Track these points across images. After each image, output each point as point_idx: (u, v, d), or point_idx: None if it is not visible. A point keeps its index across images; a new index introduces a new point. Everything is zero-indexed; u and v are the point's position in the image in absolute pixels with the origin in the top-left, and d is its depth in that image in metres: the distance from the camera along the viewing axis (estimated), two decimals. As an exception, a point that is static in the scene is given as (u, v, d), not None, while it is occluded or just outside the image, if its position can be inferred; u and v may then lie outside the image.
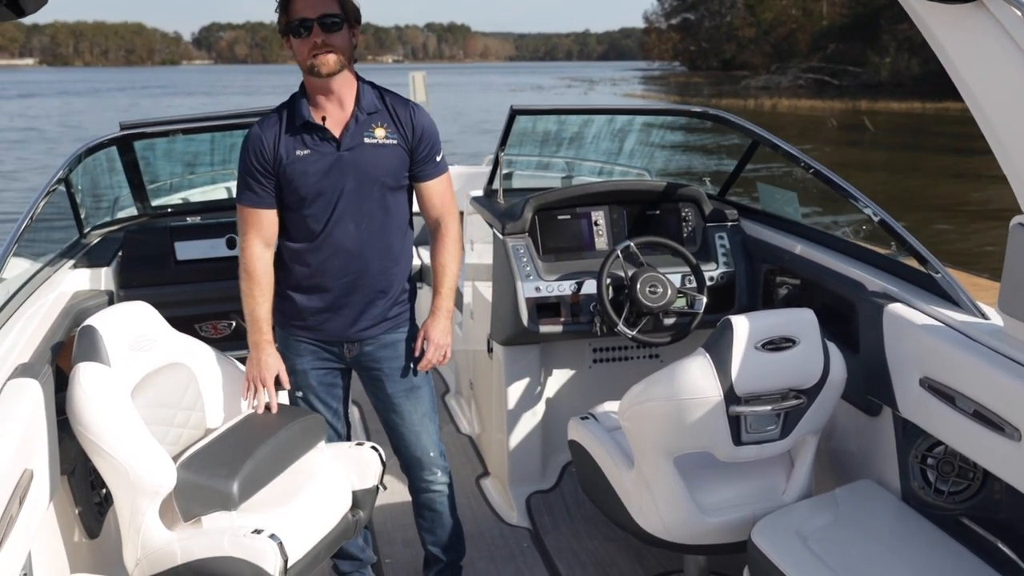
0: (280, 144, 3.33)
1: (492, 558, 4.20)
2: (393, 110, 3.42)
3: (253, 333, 3.45)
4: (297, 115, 3.34)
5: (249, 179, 3.36)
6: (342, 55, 3.25)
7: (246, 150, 3.35)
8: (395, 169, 3.42)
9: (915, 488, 3.35)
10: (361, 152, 3.36)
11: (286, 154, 3.33)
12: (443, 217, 3.54)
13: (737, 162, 4.93)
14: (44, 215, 3.90)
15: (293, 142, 3.34)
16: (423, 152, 3.45)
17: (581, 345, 4.72)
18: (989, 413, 2.85)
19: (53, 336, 3.25)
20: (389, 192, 3.44)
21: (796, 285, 4.28)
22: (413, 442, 3.68)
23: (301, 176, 3.34)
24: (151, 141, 4.57)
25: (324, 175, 3.35)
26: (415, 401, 3.66)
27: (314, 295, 3.48)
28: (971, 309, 3.26)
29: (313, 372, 3.59)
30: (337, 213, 3.38)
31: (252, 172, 3.34)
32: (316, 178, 3.34)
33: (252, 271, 3.40)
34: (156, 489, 3.04)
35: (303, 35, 3.22)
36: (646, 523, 3.45)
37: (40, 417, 2.76)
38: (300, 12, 3.19)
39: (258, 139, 3.34)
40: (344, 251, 3.42)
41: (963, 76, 2.70)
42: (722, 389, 3.12)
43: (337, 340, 3.54)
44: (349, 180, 3.37)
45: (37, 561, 2.71)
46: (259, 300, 3.42)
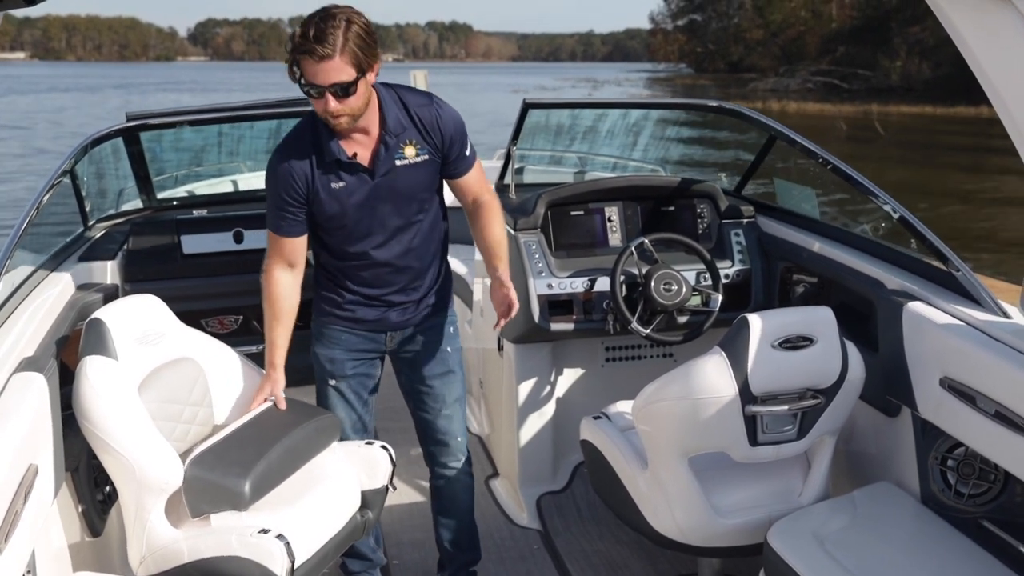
0: (314, 179, 3.33)
1: (502, 560, 4.21)
2: (419, 120, 3.39)
3: (267, 353, 3.50)
4: (327, 151, 3.30)
5: (280, 211, 3.37)
6: (359, 111, 3.21)
7: (275, 184, 3.34)
8: (430, 182, 3.47)
9: (935, 490, 3.35)
10: (395, 176, 3.37)
11: (321, 187, 3.33)
12: (480, 197, 3.57)
13: (754, 158, 4.93)
14: (49, 207, 3.90)
15: (326, 176, 3.33)
16: (454, 153, 3.45)
17: (593, 343, 4.73)
18: (1011, 414, 2.85)
19: (58, 330, 3.26)
20: (427, 200, 3.48)
21: (813, 283, 4.28)
22: (444, 426, 3.73)
23: (339, 208, 3.36)
24: (158, 133, 4.59)
25: (361, 205, 3.38)
26: (450, 385, 3.71)
27: (359, 299, 3.55)
28: (993, 308, 3.27)
29: (350, 362, 3.63)
30: (378, 235, 3.43)
31: (283, 205, 3.35)
32: (354, 208, 3.37)
33: (270, 294, 3.45)
34: (163, 486, 3.05)
35: (314, 97, 3.17)
36: (660, 525, 3.46)
37: (45, 412, 2.77)
38: (310, 78, 3.13)
39: (288, 175, 3.32)
40: (388, 265, 3.49)
41: (988, 73, 2.71)
42: (738, 388, 3.13)
43: (382, 329, 3.61)
44: (387, 204, 3.40)
45: (40, 559, 2.71)
46: (273, 324, 3.47)
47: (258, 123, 5.61)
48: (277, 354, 3.47)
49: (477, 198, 3.56)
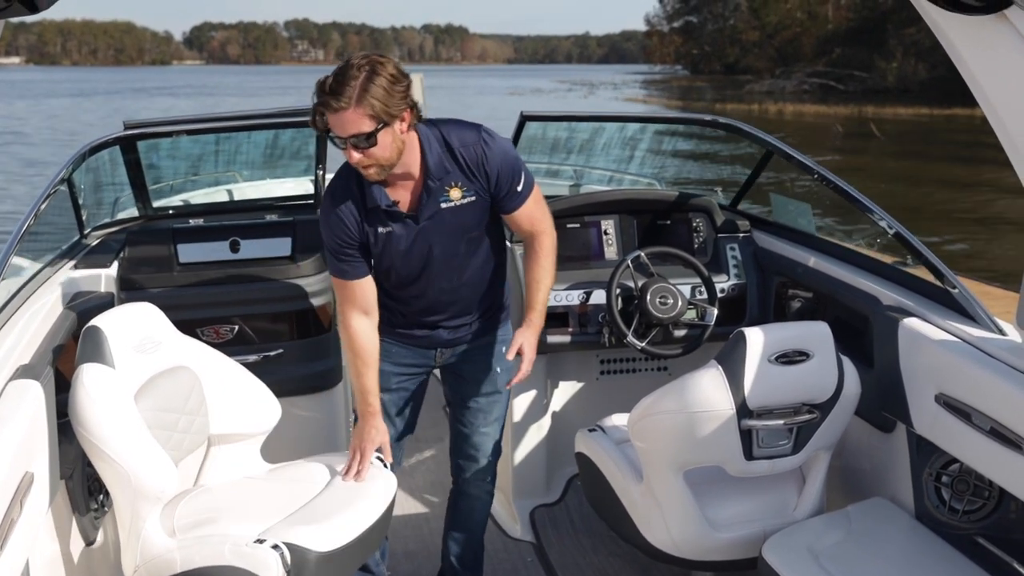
0: (364, 223, 3.30)
1: (496, 572, 4.21)
2: (464, 161, 3.29)
3: (360, 404, 3.45)
4: (369, 198, 3.27)
5: (339, 257, 3.34)
6: (388, 161, 3.14)
7: (330, 231, 3.31)
8: (478, 220, 3.39)
9: (929, 506, 3.36)
10: (441, 218, 3.31)
11: (371, 233, 3.31)
12: (535, 233, 3.51)
13: (750, 172, 4.94)
14: (46, 215, 3.91)
15: (373, 221, 3.31)
16: (503, 191, 3.36)
17: (589, 356, 4.73)
18: (1006, 430, 2.86)
19: (54, 338, 3.26)
20: (477, 237, 3.43)
21: (809, 298, 4.29)
22: (478, 443, 3.71)
23: (386, 251, 3.34)
24: (154, 141, 4.59)
25: (408, 250, 3.35)
26: (493, 404, 3.69)
27: (410, 322, 3.55)
28: (988, 324, 3.28)
29: (396, 376, 3.60)
30: (428, 272, 3.40)
31: (341, 249, 3.32)
32: (401, 251, 3.34)
33: (355, 347, 3.41)
34: (157, 494, 3.06)
35: (340, 148, 3.14)
36: (654, 538, 3.46)
37: (41, 419, 2.77)
38: (331, 128, 3.08)
39: (340, 222, 3.29)
40: (442, 294, 3.46)
41: (983, 87, 2.72)
42: (734, 402, 3.14)
43: (432, 346, 3.60)
44: (434, 246, 3.35)
45: (35, 567, 2.71)
46: (363, 372, 3.41)
47: (255, 133, 5.61)
48: (374, 402, 3.43)
49: (532, 234, 3.51)
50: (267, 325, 4.24)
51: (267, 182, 6.20)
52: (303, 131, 4.82)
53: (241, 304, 4.24)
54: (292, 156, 5.77)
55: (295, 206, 4.84)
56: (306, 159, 5.17)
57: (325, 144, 4.54)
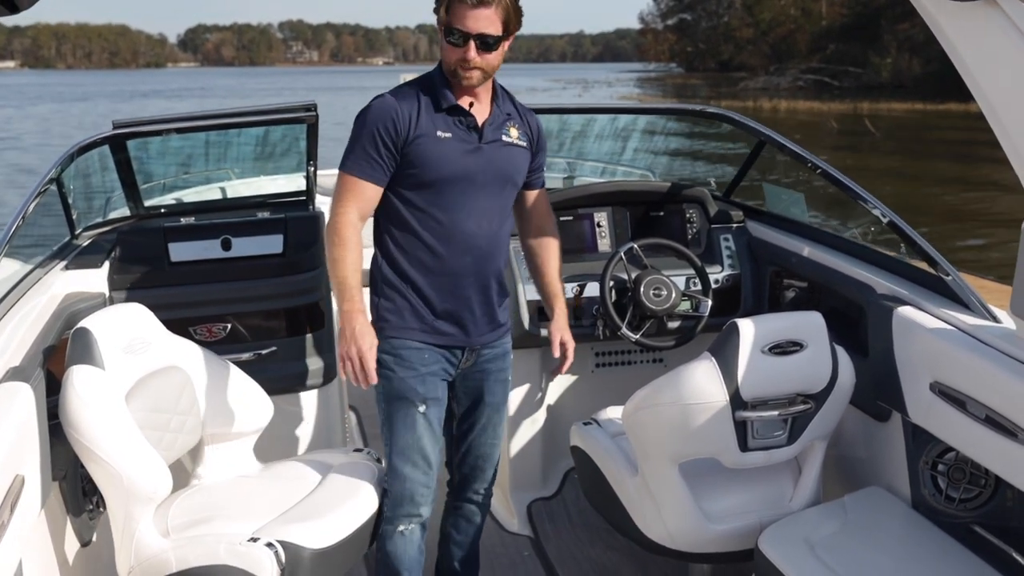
0: (420, 121, 3.15)
1: (492, 566, 4.20)
2: (522, 114, 3.38)
3: (345, 302, 3.11)
4: (441, 97, 3.18)
5: (369, 149, 3.15)
6: (492, 70, 3.17)
7: (372, 118, 3.15)
8: (522, 169, 3.39)
9: (925, 495, 3.35)
10: (499, 148, 3.27)
11: (426, 132, 3.15)
12: (548, 223, 3.61)
13: (743, 162, 4.93)
14: (34, 216, 3.89)
15: (434, 121, 3.17)
16: (539, 161, 3.46)
17: (583, 349, 4.71)
18: (1001, 418, 2.85)
19: (44, 339, 3.24)
20: (511, 192, 3.39)
21: (803, 288, 4.28)
22: (487, 453, 3.60)
23: (438, 159, 3.17)
24: (145, 140, 4.57)
25: (463, 163, 3.20)
26: (501, 413, 3.60)
27: (444, 295, 3.30)
28: (983, 312, 3.27)
29: (431, 382, 3.33)
30: (468, 207, 3.24)
31: (376, 143, 3.13)
32: (454, 165, 3.19)
33: (345, 236, 3.15)
34: (151, 495, 3.05)
35: (456, 44, 3.08)
36: (650, 531, 3.45)
37: (32, 422, 2.76)
38: (459, 22, 3.04)
39: (393, 110, 3.14)
40: (475, 248, 3.28)
41: (974, 74, 2.71)
42: (728, 394, 3.13)
43: (461, 346, 3.37)
44: (485, 174, 3.25)
45: (29, 568, 2.70)
46: (351, 266, 3.14)
47: (245, 130, 5.60)
48: (360, 298, 3.13)
49: (545, 223, 3.54)
50: (260, 323, 4.23)
51: (260, 179, 6.20)
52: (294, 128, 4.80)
53: (233, 302, 4.23)
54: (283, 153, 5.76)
55: (286, 203, 4.83)
56: (297, 155, 5.15)
57: (316, 140, 4.53)
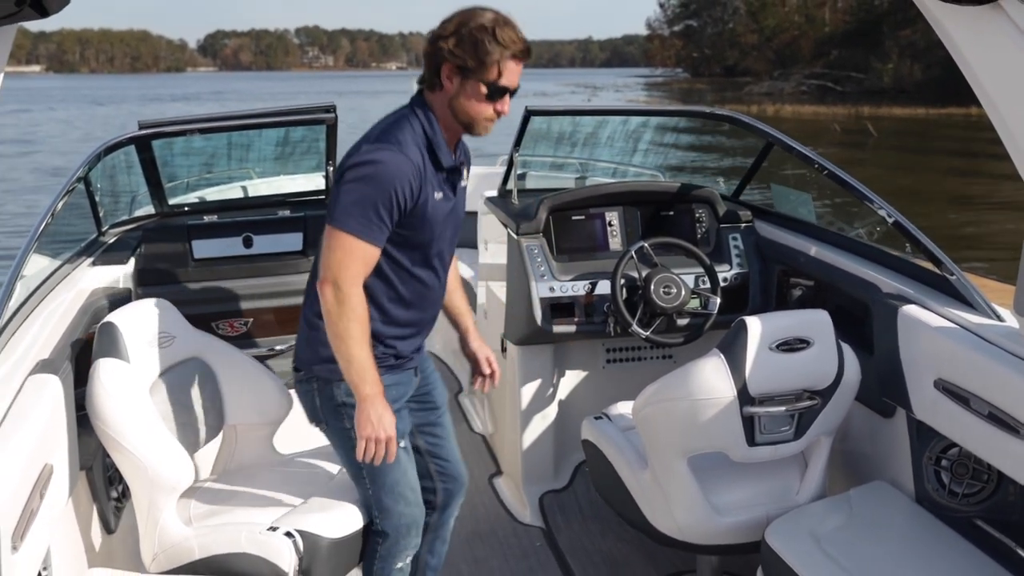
0: (424, 183, 2.96)
1: (505, 557, 4.20)
2: (465, 153, 3.26)
3: (367, 384, 2.90)
4: (442, 156, 3.01)
5: (383, 213, 2.88)
6: None
7: (388, 179, 2.87)
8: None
9: (929, 490, 3.34)
10: (460, 198, 3.19)
11: (427, 195, 2.98)
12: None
13: (751, 163, 4.92)
14: (63, 213, 3.90)
15: (432, 182, 3.00)
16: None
17: (595, 345, 4.72)
18: (1004, 415, 2.84)
19: (72, 333, 3.26)
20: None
21: (810, 286, 4.27)
22: (455, 457, 3.51)
23: (432, 222, 3.03)
24: (169, 140, 4.58)
25: (443, 223, 3.09)
26: (447, 415, 3.53)
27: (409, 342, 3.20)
28: (986, 311, 3.26)
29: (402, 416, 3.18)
30: (443, 262, 3.17)
31: (391, 207, 2.89)
32: (440, 226, 3.07)
33: (360, 312, 2.90)
34: (174, 485, 3.07)
35: (495, 99, 2.95)
36: (659, 523, 3.45)
37: (60, 413, 2.77)
38: (507, 80, 2.92)
39: (410, 173, 2.91)
40: (440, 297, 3.25)
41: (979, 78, 2.70)
42: (736, 390, 3.12)
43: (414, 366, 3.28)
44: (453, 227, 3.17)
45: (56, 555, 2.71)
46: (368, 344, 2.93)
47: (266, 131, 5.61)
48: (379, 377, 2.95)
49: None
50: (280, 318, 4.25)
51: (280, 178, 6.20)
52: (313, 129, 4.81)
53: (254, 298, 4.24)
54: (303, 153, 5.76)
55: (306, 201, 4.84)
56: (316, 156, 5.16)
57: (335, 140, 4.54)
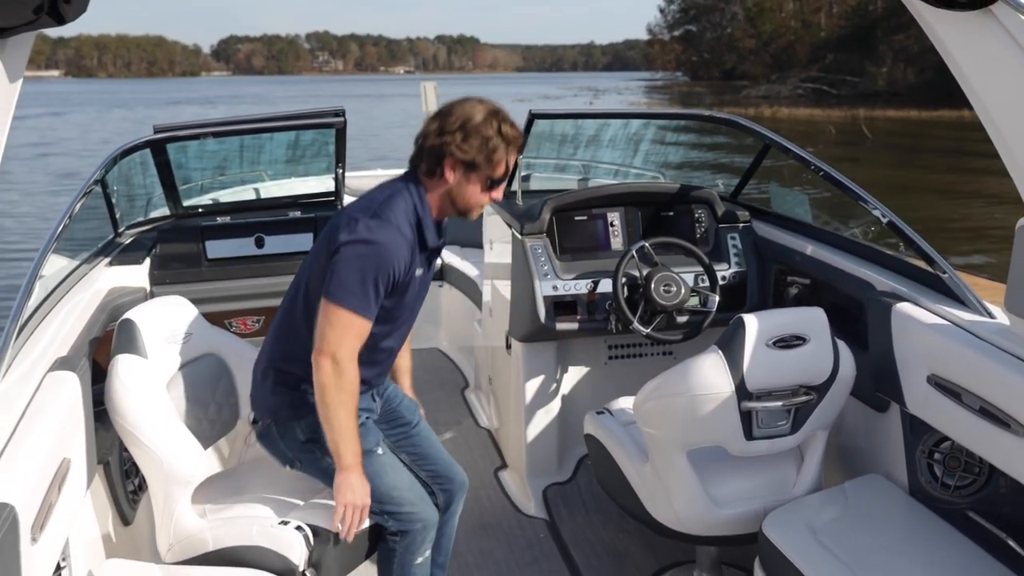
0: (412, 263, 3.00)
1: (510, 547, 4.20)
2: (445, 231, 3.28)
3: (351, 455, 2.93)
4: (428, 236, 3.04)
5: (381, 289, 2.91)
6: None
7: (386, 260, 2.88)
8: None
9: (922, 482, 3.34)
10: (429, 274, 3.22)
11: (413, 273, 3.02)
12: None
13: (749, 165, 4.92)
14: (80, 215, 3.91)
15: (418, 260, 3.04)
16: None
17: (597, 342, 4.72)
18: (995, 410, 2.84)
19: (90, 331, 3.26)
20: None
21: (806, 285, 4.27)
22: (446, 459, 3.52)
23: (409, 296, 3.08)
24: (183, 144, 4.59)
25: (417, 295, 3.15)
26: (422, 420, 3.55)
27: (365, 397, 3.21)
28: (978, 308, 3.25)
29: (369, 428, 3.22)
30: (402, 330, 3.21)
31: (387, 284, 2.92)
32: (414, 298, 3.13)
33: (356, 387, 2.93)
34: (189, 478, 3.07)
35: (494, 189, 3.05)
36: (660, 515, 3.45)
37: (78, 408, 2.78)
38: (502, 168, 3.01)
39: (405, 255, 2.94)
40: (392, 354, 3.27)
41: (970, 81, 2.70)
42: (734, 385, 3.11)
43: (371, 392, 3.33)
44: (421, 299, 3.21)
45: (75, 546, 2.72)
46: (355, 414, 2.94)
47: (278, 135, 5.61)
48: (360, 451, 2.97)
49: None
50: None
51: (291, 180, 6.21)
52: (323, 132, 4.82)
53: (266, 297, 4.25)
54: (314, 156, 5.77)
55: (316, 203, 4.84)
56: (326, 158, 5.16)
57: (344, 143, 4.54)
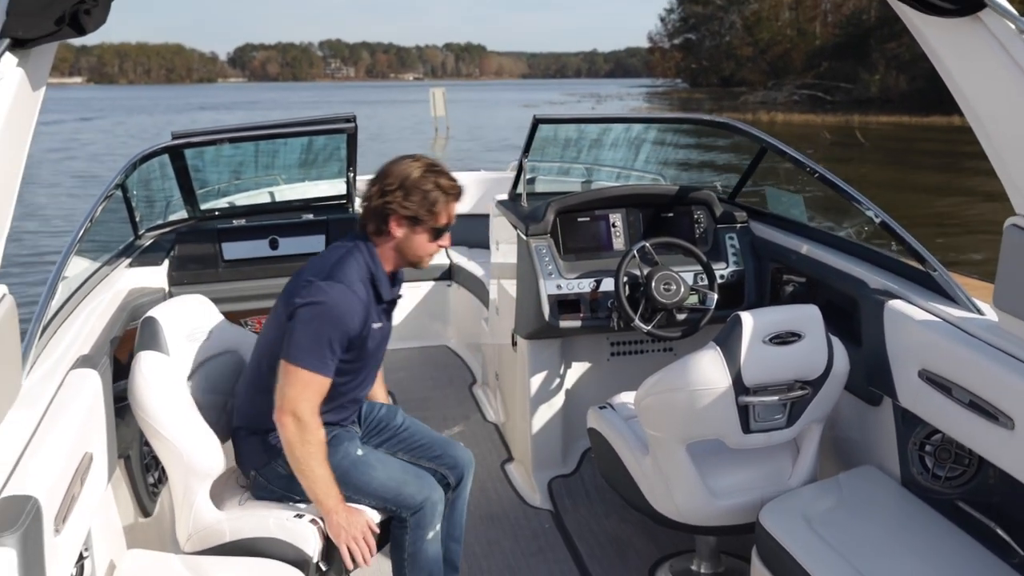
0: (369, 317, 3.08)
1: (516, 538, 4.20)
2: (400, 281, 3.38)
3: (331, 498, 3.01)
4: (383, 290, 3.14)
5: (336, 348, 2.98)
6: None
7: (339, 319, 2.96)
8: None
9: (914, 473, 3.33)
10: (390, 321, 3.32)
11: (370, 328, 3.10)
12: None
13: (746, 168, 4.91)
14: (102, 218, 3.92)
15: (373, 314, 3.11)
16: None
17: (599, 339, 4.72)
18: (984, 403, 2.84)
19: (111, 330, 3.27)
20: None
21: (801, 283, 4.27)
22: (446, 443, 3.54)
23: (370, 348, 3.15)
24: (200, 149, 4.60)
25: (378, 347, 3.22)
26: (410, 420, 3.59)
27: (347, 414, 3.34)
28: (967, 305, 3.25)
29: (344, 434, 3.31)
30: (365, 377, 3.28)
31: (343, 342, 3.01)
32: (375, 351, 3.20)
33: (320, 438, 3.00)
34: (207, 471, 3.08)
35: (439, 238, 3.14)
36: (660, 506, 3.45)
37: (99, 404, 2.78)
38: (447, 218, 3.11)
39: (359, 313, 3.02)
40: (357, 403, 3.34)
41: (960, 85, 2.70)
42: (732, 380, 3.12)
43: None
44: (382, 348, 3.29)
45: (96, 537, 2.72)
46: (327, 462, 3.02)
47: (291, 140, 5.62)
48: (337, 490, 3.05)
49: None
50: None
51: (304, 184, 6.21)
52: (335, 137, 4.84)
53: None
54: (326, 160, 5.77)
55: (328, 206, 4.84)
56: (338, 163, 5.17)
57: (355, 148, 4.55)
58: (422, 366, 6.53)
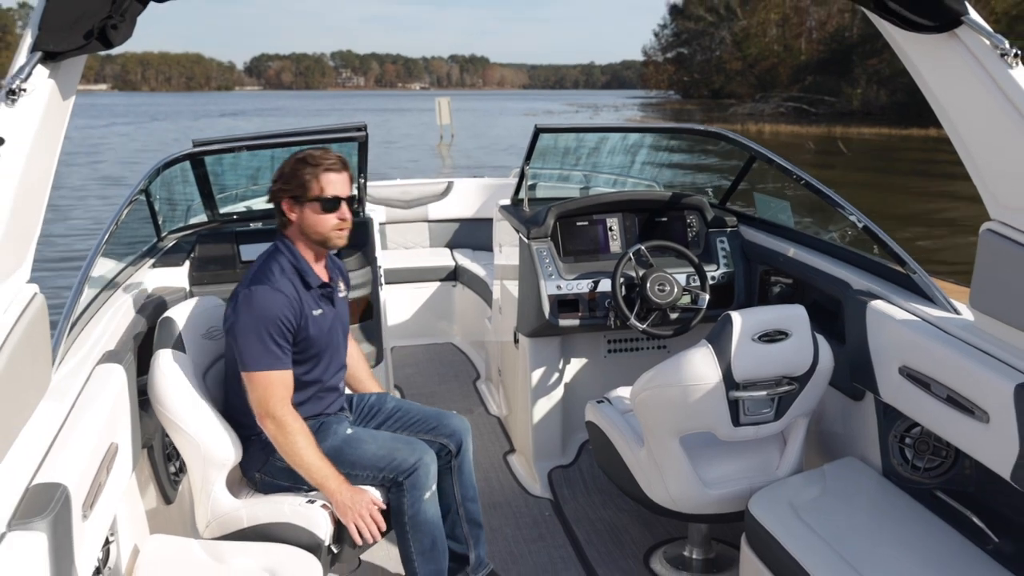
0: (302, 305, 3.13)
1: (517, 525, 4.21)
2: (333, 260, 3.46)
3: (330, 479, 3.07)
4: (309, 277, 3.19)
5: (279, 340, 3.06)
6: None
7: (267, 313, 3.04)
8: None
9: (894, 464, 3.34)
10: (341, 305, 3.36)
11: (308, 315, 3.15)
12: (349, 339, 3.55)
13: (736, 175, 4.91)
14: (127, 221, 3.92)
15: (310, 304, 3.17)
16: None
17: (597, 337, 4.72)
18: (960, 398, 2.84)
19: (135, 327, 3.27)
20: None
21: (788, 284, 4.27)
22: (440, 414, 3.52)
23: (316, 336, 3.18)
24: (220, 156, 4.60)
25: (330, 331, 3.26)
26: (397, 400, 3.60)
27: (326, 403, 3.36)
28: (945, 305, 3.25)
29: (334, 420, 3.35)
30: (327, 363, 3.29)
31: (282, 332, 3.06)
32: (326, 337, 3.24)
33: (302, 428, 3.08)
34: (224, 462, 3.09)
35: (333, 210, 3.16)
36: (655, 495, 3.45)
37: (124, 398, 2.78)
38: (335, 191, 3.15)
39: (286, 301, 3.07)
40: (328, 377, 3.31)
41: (938, 97, 2.71)
42: (723, 376, 3.12)
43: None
44: (339, 333, 3.34)
45: (121, 523, 2.73)
46: (315, 449, 3.09)
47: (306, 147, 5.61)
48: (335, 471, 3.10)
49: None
50: None
51: None
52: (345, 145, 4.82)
53: None
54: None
55: None
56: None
57: (366, 155, 4.55)
58: (429, 362, 6.54)
